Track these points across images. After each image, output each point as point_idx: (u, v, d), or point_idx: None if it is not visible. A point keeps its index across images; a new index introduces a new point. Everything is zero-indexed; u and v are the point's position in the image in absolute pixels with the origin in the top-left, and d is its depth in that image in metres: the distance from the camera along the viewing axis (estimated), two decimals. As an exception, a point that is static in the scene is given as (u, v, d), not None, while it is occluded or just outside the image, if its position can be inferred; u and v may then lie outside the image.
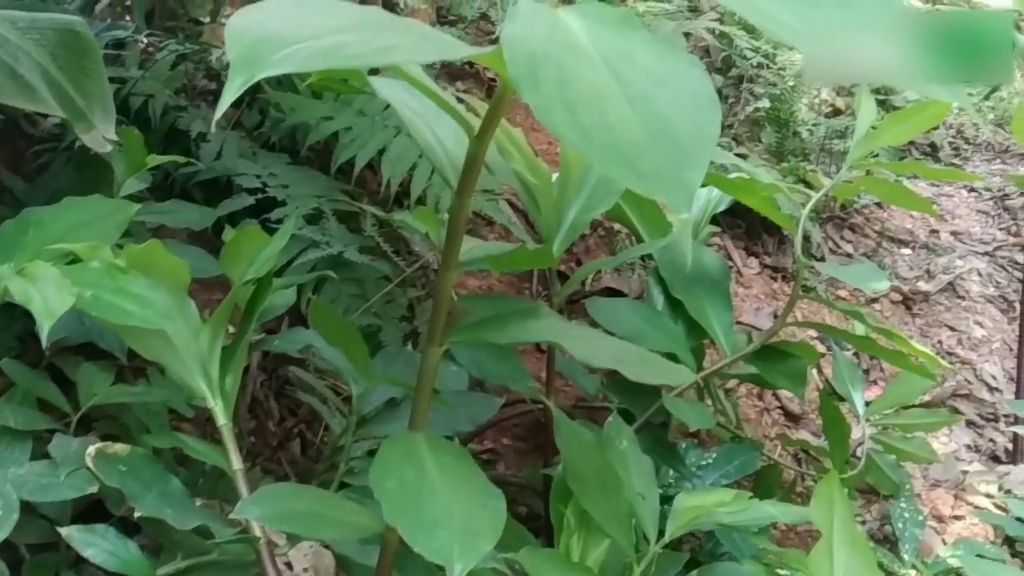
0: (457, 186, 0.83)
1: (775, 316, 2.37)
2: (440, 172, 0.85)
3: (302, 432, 1.56)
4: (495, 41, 2.00)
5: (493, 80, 2.35)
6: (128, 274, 1.00)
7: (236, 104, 1.78)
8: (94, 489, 1.09)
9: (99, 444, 1.08)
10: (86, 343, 1.33)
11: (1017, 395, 2.17)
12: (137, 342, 1.08)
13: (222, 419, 1.10)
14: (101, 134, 1.28)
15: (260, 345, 1.27)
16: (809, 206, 1.55)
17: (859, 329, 1.64)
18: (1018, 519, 1.86)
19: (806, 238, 2.56)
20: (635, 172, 0.57)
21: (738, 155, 2.62)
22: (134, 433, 1.30)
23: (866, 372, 2.38)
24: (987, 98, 3.86)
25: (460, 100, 1.25)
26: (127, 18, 1.86)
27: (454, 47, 0.66)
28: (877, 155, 1.94)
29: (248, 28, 0.60)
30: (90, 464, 1.07)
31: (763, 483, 1.77)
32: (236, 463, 1.08)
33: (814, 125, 2.75)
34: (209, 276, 1.35)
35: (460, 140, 0.85)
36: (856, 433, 1.83)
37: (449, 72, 2.26)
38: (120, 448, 1.09)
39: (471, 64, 2.33)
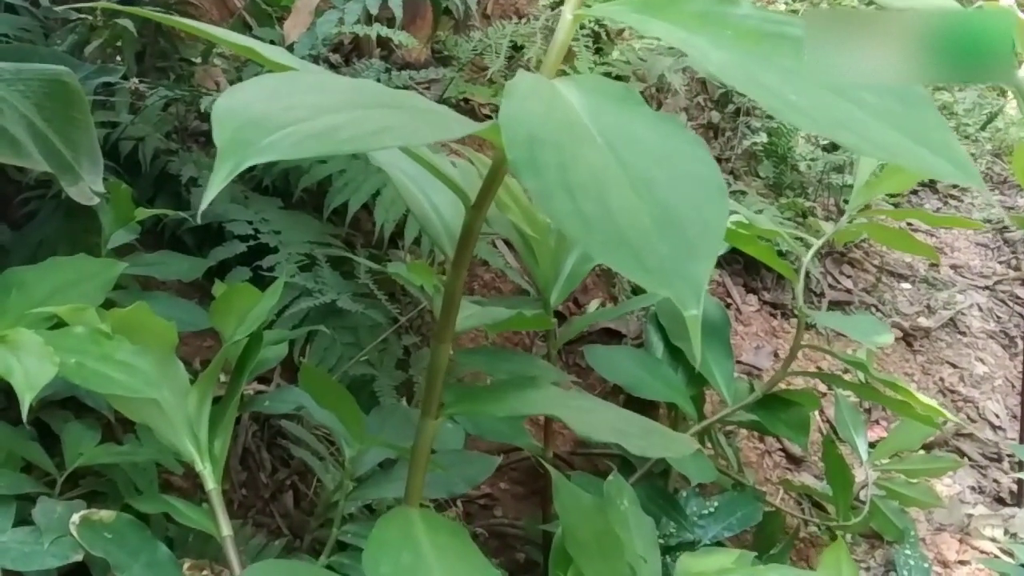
0: (453, 257, 0.80)
1: (775, 355, 2.34)
2: (435, 241, 0.82)
3: (295, 484, 1.53)
4: (491, 82, 1.96)
5: (488, 116, 2.33)
6: (113, 340, 0.97)
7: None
8: (79, 557, 1.05)
9: (84, 512, 1.05)
10: (73, 396, 1.30)
11: (1022, 436, 2.14)
12: (124, 406, 1.05)
13: (211, 483, 1.07)
14: (88, 185, 1.25)
15: (250, 405, 1.23)
16: (811, 253, 1.53)
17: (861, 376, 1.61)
18: (1021, 565, 1.83)
19: (805, 274, 2.53)
20: (640, 265, 0.55)
21: (737, 191, 2.59)
22: (122, 490, 1.27)
23: (867, 412, 2.35)
24: (984, 128, 3.85)
25: (457, 155, 1.22)
26: (118, 58, 1.83)
27: (450, 126, 0.63)
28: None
29: (235, 111, 0.57)
30: (74, 532, 1.04)
31: (765, 531, 1.74)
32: (225, 529, 1.05)
33: (812, 160, 2.73)
34: (199, 329, 1.33)
35: (457, 208, 0.82)
36: (859, 476, 1.80)
37: (445, 109, 2.23)
38: (106, 515, 1.06)
39: (466, 100, 2.31)
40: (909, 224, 2.98)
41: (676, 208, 0.58)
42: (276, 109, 0.58)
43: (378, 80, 1.88)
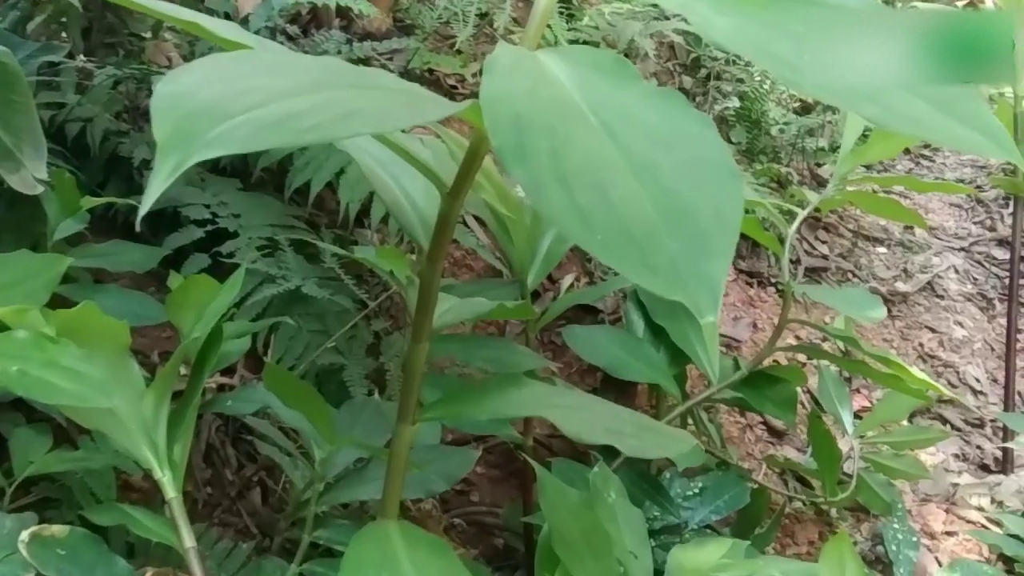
0: (428, 248, 0.73)
1: (754, 326, 2.29)
2: (408, 231, 0.75)
3: (262, 480, 1.46)
4: (458, 52, 1.88)
5: (454, 87, 2.25)
6: (59, 344, 0.89)
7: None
8: (31, 576, 0.98)
9: (34, 528, 0.97)
10: (21, 398, 1.22)
11: (1006, 402, 2.10)
12: (74, 413, 0.97)
13: (171, 492, 0.99)
14: (31, 173, 1.17)
15: (211, 405, 1.16)
16: (796, 225, 1.47)
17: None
18: (1014, 536, 1.79)
19: (780, 240, 2.48)
20: (646, 266, 0.48)
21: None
22: (78, 497, 1.20)
23: (847, 380, 2.30)
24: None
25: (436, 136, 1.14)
26: (63, 35, 1.74)
27: (425, 107, 0.56)
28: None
29: (178, 98, 0.49)
30: (24, 550, 0.96)
31: (750, 509, 1.69)
32: (188, 540, 0.98)
33: (785, 124, 2.67)
34: (156, 322, 1.25)
35: (431, 195, 0.75)
36: (843, 448, 1.76)
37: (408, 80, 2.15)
38: (58, 530, 0.98)
39: (431, 71, 2.23)
40: (883, 189, 2.93)
41: (684, 197, 0.51)
42: (227, 94, 0.50)
43: (339, 53, 1.79)
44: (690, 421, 1.69)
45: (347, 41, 1.83)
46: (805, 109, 2.94)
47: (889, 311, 2.59)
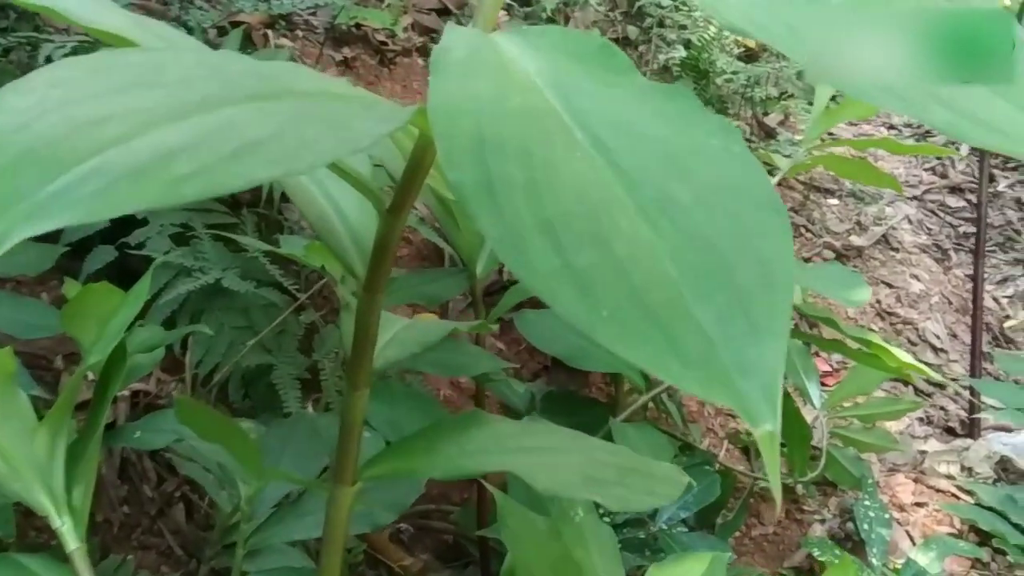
0: (365, 277, 0.59)
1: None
2: (339, 255, 0.61)
3: (185, 495, 1.31)
4: (389, 6, 1.70)
5: (384, 43, 2.08)
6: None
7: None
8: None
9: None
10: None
11: (972, 366, 2.02)
12: (-51, 458, 0.82)
13: (72, 543, 0.85)
14: None
15: (116, 439, 1.01)
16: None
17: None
18: (989, 508, 1.71)
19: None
20: (674, 354, 0.34)
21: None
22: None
23: (807, 345, 2.20)
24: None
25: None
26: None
27: (355, 126, 0.41)
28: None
29: (5, 133, 0.35)
30: None
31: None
32: (96, 600, 0.84)
33: (733, 73, 2.54)
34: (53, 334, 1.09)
35: (367, 210, 0.61)
36: (809, 417, 1.66)
37: (333, 38, 1.98)
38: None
39: (358, 26, 2.06)
40: (831, 134, 2.82)
41: (714, 245, 0.38)
42: (73, 125, 0.35)
43: (256, 10, 1.62)
44: (652, 405, 1.57)
45: (264, -3, 1.66)
46: (750, 57, 2.82)
47: (845, 267, 2.49)
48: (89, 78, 0.39)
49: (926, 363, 2.30)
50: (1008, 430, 1.99)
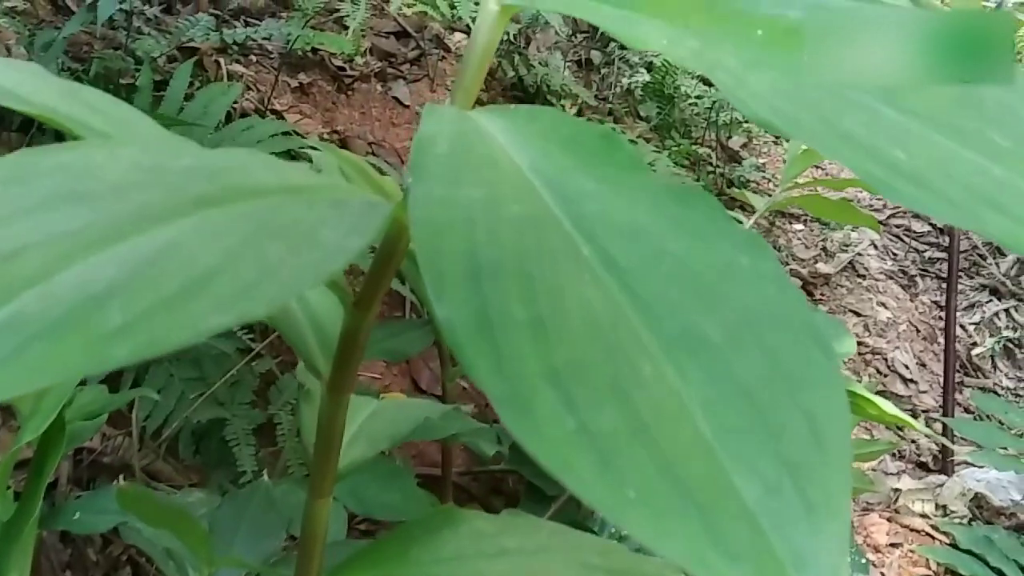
0: (330, 376, 0.52)
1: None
2: (298, 348, 0.54)
3: (132, 558, 1.23)
4: (346, 27, 1.64)
5: (341, 69, 2.01)
6: None
7: (25, 129, 1.42)
8: None
9: None
10: None
11: (945, 402, 1.98)
12: None
13: (6, 639, 0.78)
14: None
15: (52, 522, 0.93)
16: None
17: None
18: (965, 550, 1.67)
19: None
20: (717, 547, 0.28)
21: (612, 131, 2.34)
22: None
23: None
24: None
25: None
26: None
27: (328, 248, 0.35)
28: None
29: None
30: None
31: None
32: None
33: (697, 97, 2.50)
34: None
35: (331, 303, 0.54)
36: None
37: (289, 63, 1.91)
38: None
39: (314, 50, 1.99)
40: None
41: (753, 395, 0.32)
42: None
43: (207, 38, 1.54)
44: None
45: (217, 25, 1.58)
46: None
47: (812, 295, 2.46)
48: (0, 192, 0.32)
49: (896, 394, 2.26)
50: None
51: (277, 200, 0.38)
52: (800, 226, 2.67)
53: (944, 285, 2.60)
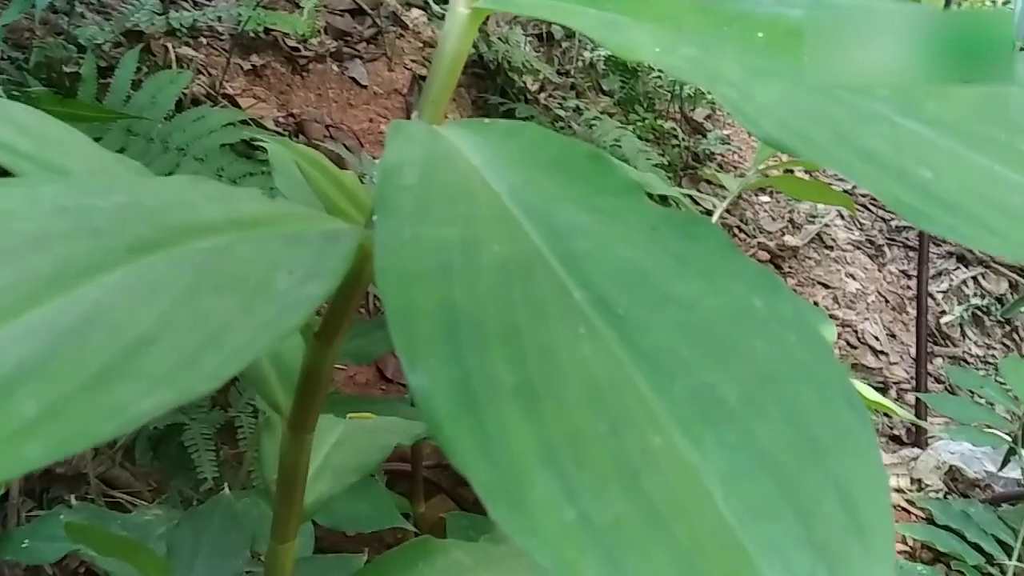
0: (291, 413, 0.48)
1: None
2: (256, 383, 0.49)
3: (90, 569, 1.18)
4: (299, 7, 1.57)
5: (295, 49, 1.95)
6: None
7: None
8: None
9: None
10: None
11: (918, 378, 1.96)
12: None
13: None
14: None
15: (3, 547, 0.87)
16: (715, 218, 1.26)
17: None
18: (944, 527, 1.65)
19: (663, 198, 2.28)
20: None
21: (577, 109, 2.30)
22: None
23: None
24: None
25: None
26: None
27: (284, 301, 0.30)
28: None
29: None
30: None
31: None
32: None
33: (660, 70, 2.45)
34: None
35: (292, 338, 0.49)
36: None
37: (241, 44, 1.85)
38: None
39: (267, 31, 1.92)
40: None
41: (778, 468, 0.28)
42: None
43: (152, 23, 1.48)
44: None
45: (164, 7, 1.52)
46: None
47: (780, 268, 2.43)
48: None
49: (866, 366, 2.24)
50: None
51: (224, 240, 0.34)
52: (767, 198, 2.64)
53: (912, 254, 2.59)
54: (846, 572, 0.26)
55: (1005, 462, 1.66)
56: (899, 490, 1.85)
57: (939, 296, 2.52)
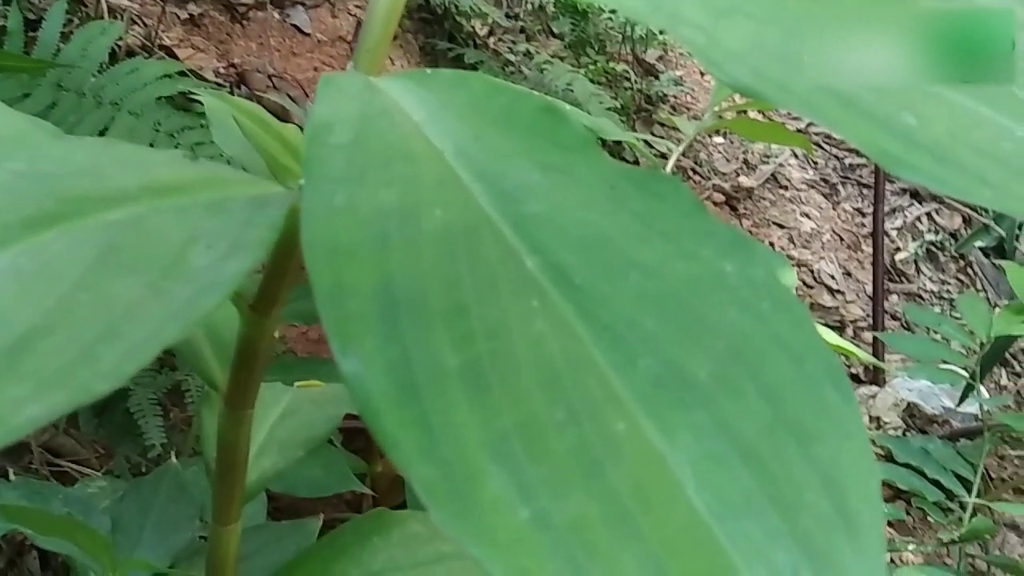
0: (227, 389, 0.45)
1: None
2: (189, 359, 0.46)
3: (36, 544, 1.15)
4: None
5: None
6: None
7: None
8: None
9: None
10: None
11: (875, 316, 1.96)
12: None
13: None
14: None
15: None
16: (671, 163, 1.23)
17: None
18: (906, 466, 1.65)
19: (618, 143, 2.25)
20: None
21: (527, 53, 2.25)
22: None
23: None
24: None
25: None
26: None
27: (201, 281, 0.27)
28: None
29: None
30: None
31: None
32: None
33: (612, 11, 2.40)
34: None
35: (227, 310, 0.46)
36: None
37: (178, -10, 1.78)
38: None
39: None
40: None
41: (755, 455, 0.25)
42: None
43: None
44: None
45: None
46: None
47: (736, 210, 2.42)
48: None
49: (823, 306, 2.24)
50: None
51: (136, 211, 0.30)
52: (721, 139, 2.62)
53: (866, 191, 2.58)
54: (834, 570, 0.23)
55: (963, 397, 1.66)
56: (858, 430, 1.86)
57: (894, 233, 2.52)
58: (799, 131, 2.66)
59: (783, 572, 0.23)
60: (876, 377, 1.99)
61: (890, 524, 1.65)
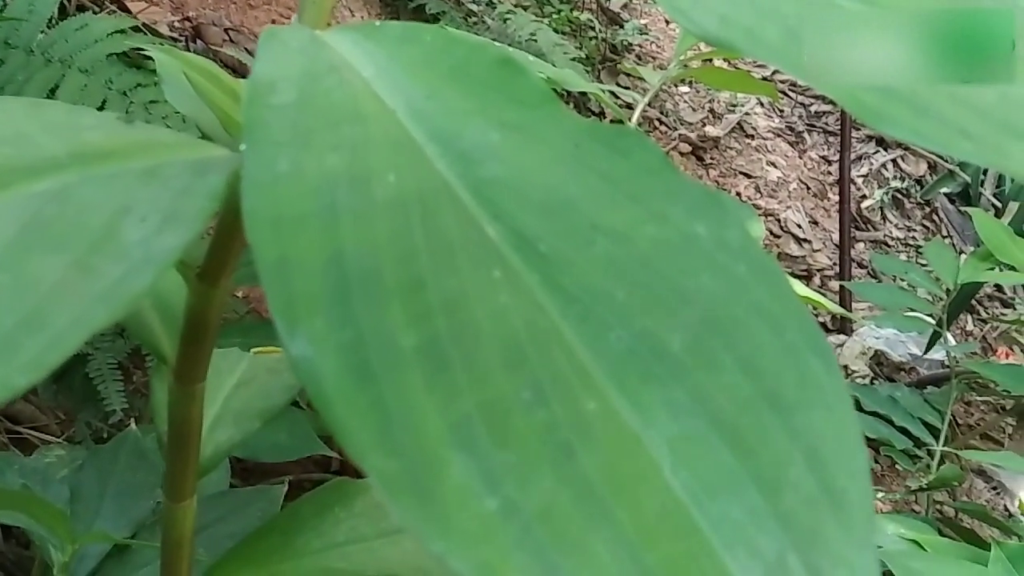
0: (176, 363, 0.43)
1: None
2: (135, 330, 0.44)
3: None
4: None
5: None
6: None
7: None
8: None
9: None
10: None
11: (842, 266, 1.95)
12: None
13: None
14: None
15: None
16: (637, 113, 1.21)
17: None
18: (870, 413, 1.66)
19: (583, 94, 2.22)
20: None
21: (490, 3, 2.22)
22: None
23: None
24: None
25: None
26: None
27: (133, 259, 0.25)
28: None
29: None
30: None
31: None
32: None
33: (576, -42, 2.37)
34: None
35: (172, 275, 0.44)
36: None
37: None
38: None
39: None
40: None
41: (736, 426, 0.24)
42: None
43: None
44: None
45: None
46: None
47: (702, 160, 2.40)
48: None
49: (790, 255, 2.24)
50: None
51: (64, 181, 0.28)
52: (686, 88, 2.60)
53: (832, 139, 2.57)
54: (821, 553, 0.22)
55: (931, 345, 1.66)
56: (826, 378, 1.86)
57: (859, 180, 2.51)
58: (765, 79, 2.65)
59: (767, 556, 0.22)
60: (843, 326, 1.99)
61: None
